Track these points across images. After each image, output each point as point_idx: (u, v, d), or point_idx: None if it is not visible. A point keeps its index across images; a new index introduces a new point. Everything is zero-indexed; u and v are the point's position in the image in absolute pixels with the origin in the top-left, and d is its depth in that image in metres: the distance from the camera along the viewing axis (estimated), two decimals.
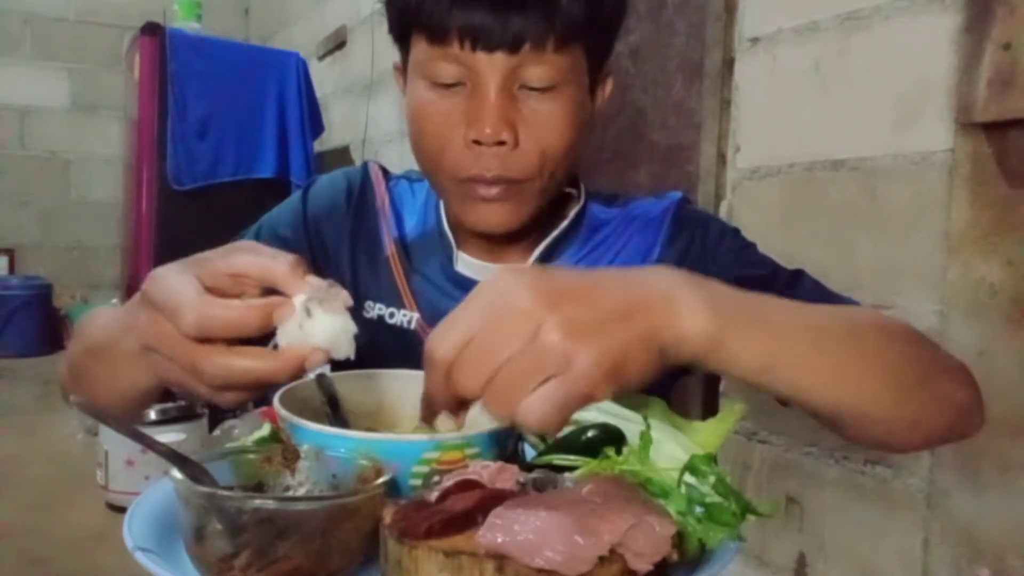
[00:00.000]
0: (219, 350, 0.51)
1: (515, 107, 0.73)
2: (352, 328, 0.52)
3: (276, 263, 0.53)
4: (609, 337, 0.47)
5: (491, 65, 0.71)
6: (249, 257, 0.54)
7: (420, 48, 0.75)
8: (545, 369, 0.46)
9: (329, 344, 0.51)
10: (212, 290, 0.52)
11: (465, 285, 0.83)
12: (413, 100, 0.77)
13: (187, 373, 0.52)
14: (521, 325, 0.46)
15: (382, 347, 0.84)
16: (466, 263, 0.85)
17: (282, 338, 0.51)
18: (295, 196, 0.91)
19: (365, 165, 0.93)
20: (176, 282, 0.51)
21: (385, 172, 0.94)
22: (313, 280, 0.52)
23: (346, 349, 0.52)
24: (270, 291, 0.54)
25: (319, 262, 0.87)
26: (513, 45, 0.70)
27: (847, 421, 0.62)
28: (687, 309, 0.50)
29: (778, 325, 0.55)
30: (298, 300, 0.51)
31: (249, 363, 0.51)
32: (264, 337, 0.52)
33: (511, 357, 0.46)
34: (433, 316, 0.83)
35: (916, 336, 0.67)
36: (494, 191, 0.75)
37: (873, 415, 0.61)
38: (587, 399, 0.46)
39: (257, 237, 0.87)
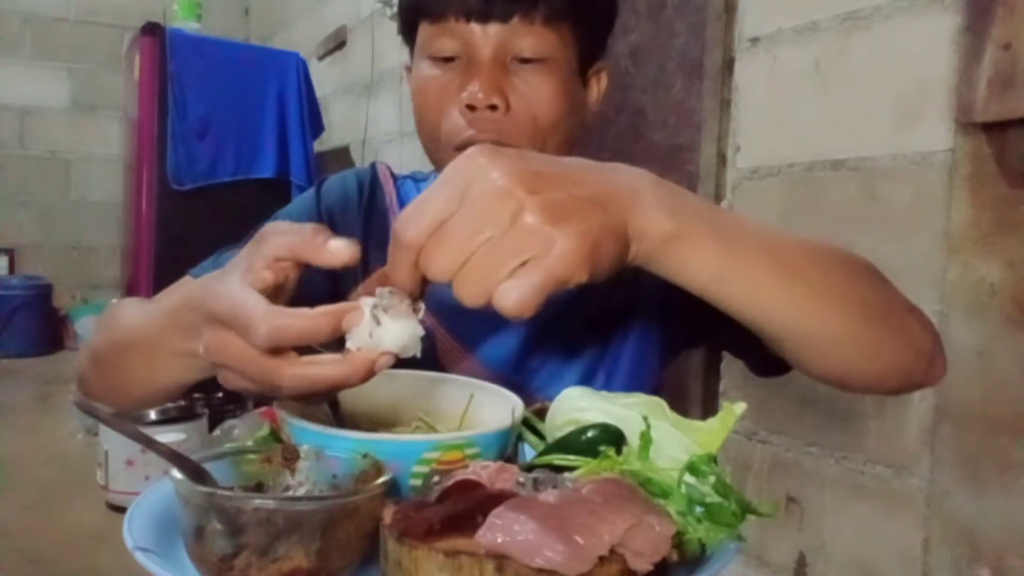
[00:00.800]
0: (292, 362, 0.50)
1: (507, 77, 0.78)
2: (419, 331, 0.52)
3: (300, 239, 0.53)
4: (587, 222, 0.47)
5: (485, 37, 0.77)
6: (277, 239, 0.54)
7: (423, 31, 0.81)
8: (525, 251, 0.45)
9: (399, 349, 0.52)
10: (265, 291, 0.53)
11: None
12: (416, 79, 0.83)
13: (263, 387, 0.52)
14: (501, 207, 0.46)
15: None
16: None
17: (352, 342, 0.51)
18: (308, 192, 0.94)
19: (373, 165, 0.96)
20: (238, 294, 0.51)
21: (391, 172, 0.96)
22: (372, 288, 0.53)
23: (413, 350, 0.52)
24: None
25: None
26: (504, 15, 0.77)
27: (802, 345, 0.61)
28: (648, 207, 0.51)
29: (736, 237, 0.55)
30: (366, 306, 0.51)
31: (324, 371, 0.51)
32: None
33: (490, 239, 0.46)
34: (437, 303, 0.84)
35: (879, 274, 0.67)
36: None
37: (829, 341, 0.61)
38: (563, 283, 0.46)
39: None
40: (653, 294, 0.85)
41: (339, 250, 0.52)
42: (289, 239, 0.54)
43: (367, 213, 0.91)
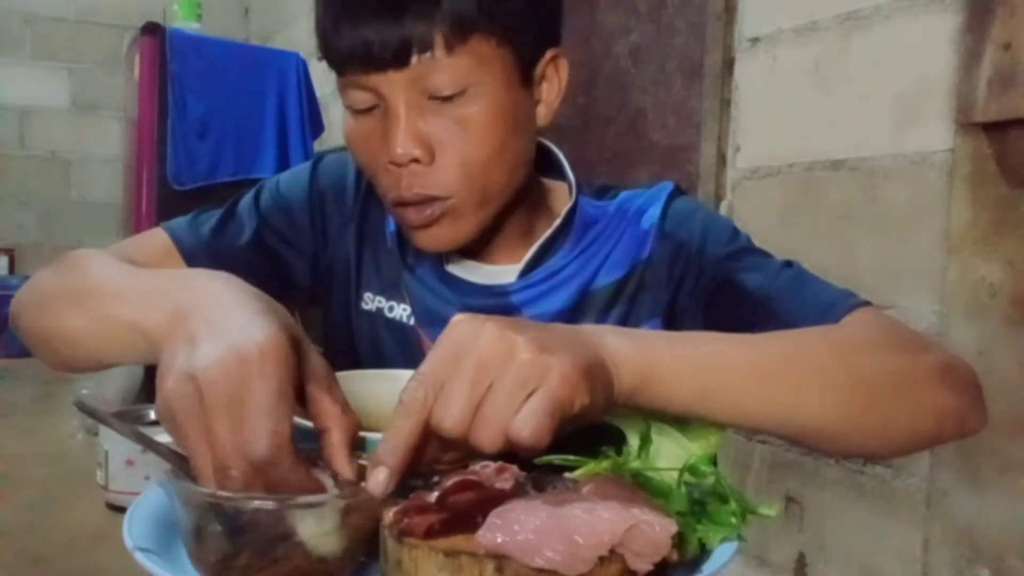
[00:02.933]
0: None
1: (427, 120, 0.70)
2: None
3: (343, 427, 0.53)
4: (573, 350, 0.49)
5: (389, 84, 0.70)
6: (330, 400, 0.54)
7: (337, 80, 0.75)
8: (527, 383, 0.47)
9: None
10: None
11: (455, 284, 0.82)
12: (344, 127, 0.77)
13: None
14: (496, 351, 0.48)
15: (380, 340, 0.85)
16: (456, 262, 0.84)
17: None
18: (304, 167, 0.89)
19: None
20: (281, 398, 0.49)
21: None
22: None
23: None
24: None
25: (317, 240, 0.86)
26: (399, 59, 0.68)
27: (802, 439, 0.62)
28: (620, 350, 0.53)
29: (709, 356, 0.57)
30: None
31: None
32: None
33: (492, 384, 0.47)
34: (423, 314, 0.83)
35: (892, 345, 0.66)
36: (425, 214, 0.73)
37: (829, 433, 0.61)
38: (568, 404, 0.48)
39: (257, 199, 0.85)
40: (653, 312, 0.82)
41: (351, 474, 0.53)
42: (338, 412, 0.53)
43: (364, 203, 0.87)
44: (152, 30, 3.60)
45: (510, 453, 0.49)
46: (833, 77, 1.49)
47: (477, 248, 0.82)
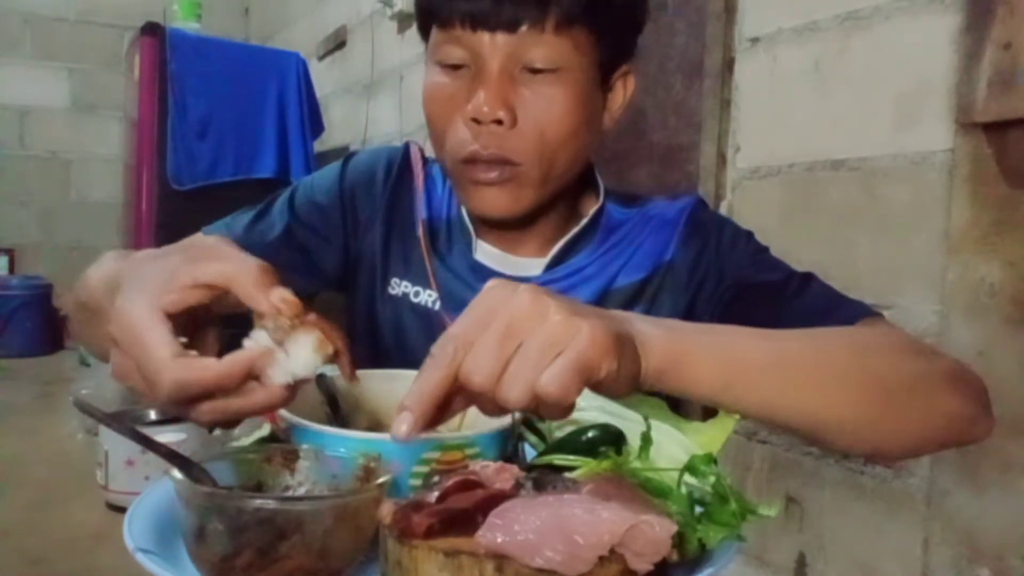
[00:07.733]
0: (211, 403, 0.51)
1: (515, 89, 0.75)
2: (327, 350, 0.52)
3: (241, 274, 0.52)
4: (606, 319, 0.50)
5: (492, 46, 0.74)
6: (215, 266, 0.53)
7: (434, 35, 0.78)
8: (557, 344, 0.47)
9: (311, 372, 0.52)
10: (181, 313, 0.52)
11: (483, 273, 0.85)
12: (426, 84, 0.80)
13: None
14: (530, 313, 0.48)
15: (405, 325, 0.87)
16: (485, 252, 0.87)
17: (268, 380, 0.51)
18: (334, 165, 0.93)
19: (407, 145, 0.95)
20: (145, 329, 0.50)
21: (423, 156, 0.95)
22: (277, 295, 0.52)
23: (320, 368, 0.53)
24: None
25: (349, 231, 0.90)
26: (511, 24, 0.73)
27: (817, 436, 0.63)
28: (649, 332, 0.53)
29: (735, 347, 0.58)
30: (263, 339, 0.51)
31: (245, 404, 0.51)
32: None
33: (523, 342, 0.47)
34: (451, 301, 0.86)
35: (905, 349, 0.68)
36: (492, 174, 0.77)
37: (845, 429, 0.62)
38: (596, 367, 0.47)
39: (291, 198, 0.89)
40: (671, 314, 0.84)
41: (279, 303, 0.52)
42: (230, 269, 0.52)
43: (393, 192, 0.90)
44: (152, 30, 3.60)
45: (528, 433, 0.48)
46: (833, 77, 1.49)
47: (509, 239, 0.86)
